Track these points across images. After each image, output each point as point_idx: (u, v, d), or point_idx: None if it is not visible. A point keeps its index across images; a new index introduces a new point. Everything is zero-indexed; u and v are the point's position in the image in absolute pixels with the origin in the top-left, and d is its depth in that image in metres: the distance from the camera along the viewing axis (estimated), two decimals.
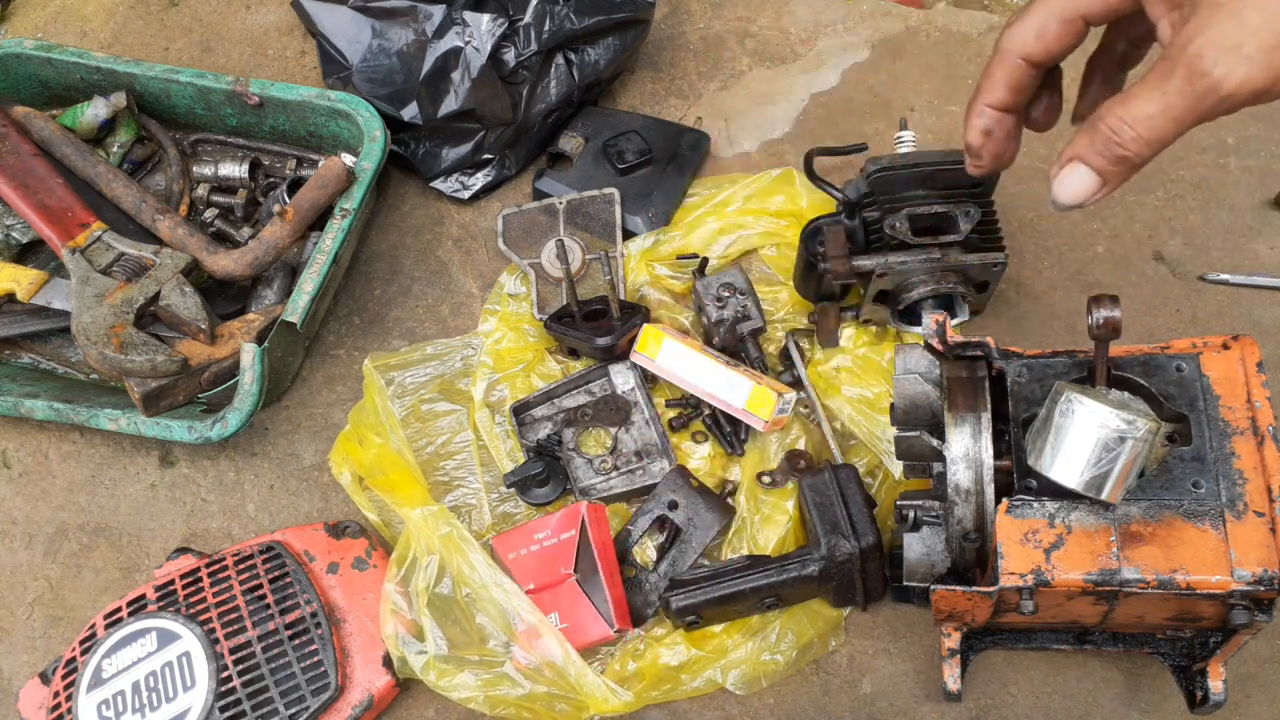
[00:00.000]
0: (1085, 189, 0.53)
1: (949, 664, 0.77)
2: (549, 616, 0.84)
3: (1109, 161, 0.51)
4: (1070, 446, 0.61)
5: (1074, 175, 0.53)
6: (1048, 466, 0.62)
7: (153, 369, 0.91)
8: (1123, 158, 0.51)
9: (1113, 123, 0.50)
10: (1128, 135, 0.50)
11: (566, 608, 0.85)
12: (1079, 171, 0.52)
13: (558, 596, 0.85)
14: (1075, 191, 0.53)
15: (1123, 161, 0.51)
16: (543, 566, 0.86)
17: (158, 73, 1.06)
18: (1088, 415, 0.59)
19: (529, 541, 0.87)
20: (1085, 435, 0.60)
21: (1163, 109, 0.49)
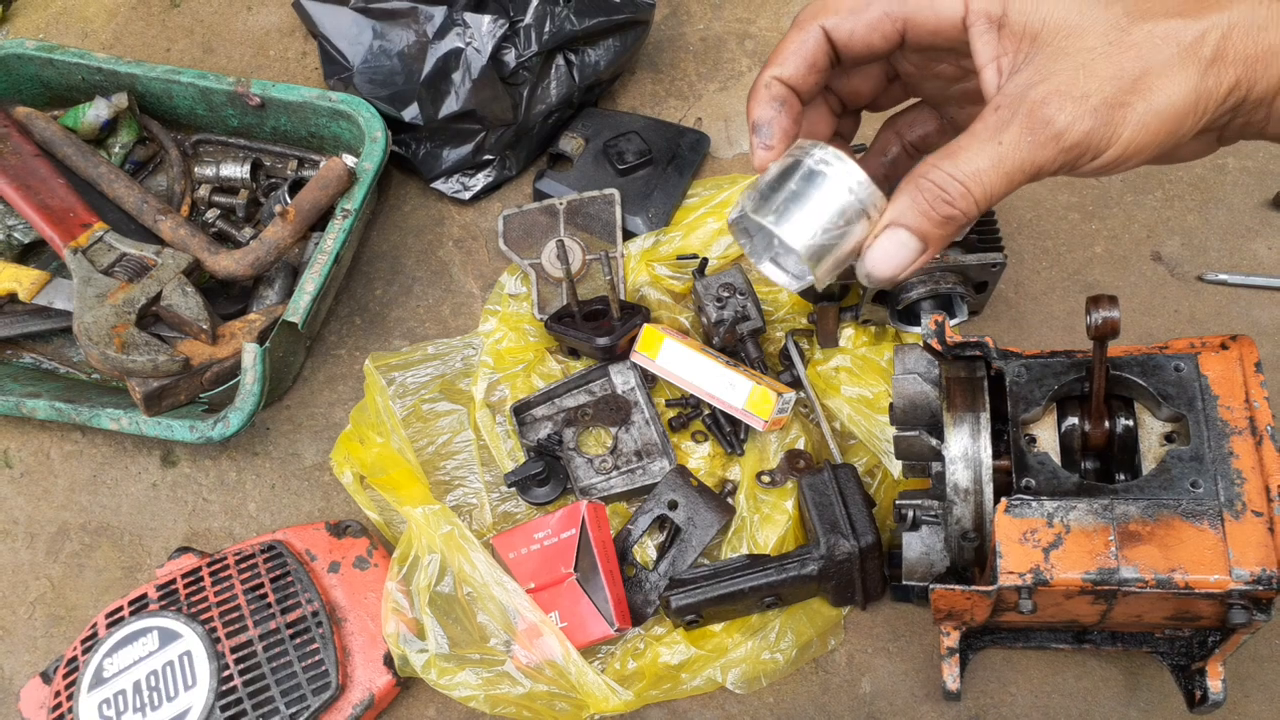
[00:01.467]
0: (907, 257, 0.45)
1: (948, 663, 0.77)
2: (549, 615, 0.85)
3: (934, 223, 0.44)
4: (812, 203, 0.46)
5: (893, 242, 0.45)
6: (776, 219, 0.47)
7: (154, 369, 0.92)
8: (950, 218, 0.44)
9: (939, 178, 0.44)
10: (956, 191, 0.44)
11: (567, 607, 0.85)
12: (900, 238, 0.45)
13: (558, 595, 0.85)
14: (896, 261, 0.45)
15: (949, 222, 0.44)
16: (543, 566, 0.86)
17: (159, 73, 1.07)
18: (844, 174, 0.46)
19: (529, 541, 0.87)
20: (833, 196, 0.46)
21: (995, 162, 0.43)
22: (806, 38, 0.48)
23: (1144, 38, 0.43)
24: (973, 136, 0.43)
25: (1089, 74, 0.42)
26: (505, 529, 0.93)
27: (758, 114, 0.49)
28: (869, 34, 0.47)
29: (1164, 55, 0.42)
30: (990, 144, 0.43)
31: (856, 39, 0.48)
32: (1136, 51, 0.42)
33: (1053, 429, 0.73)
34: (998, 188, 0.43)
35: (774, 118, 0.48)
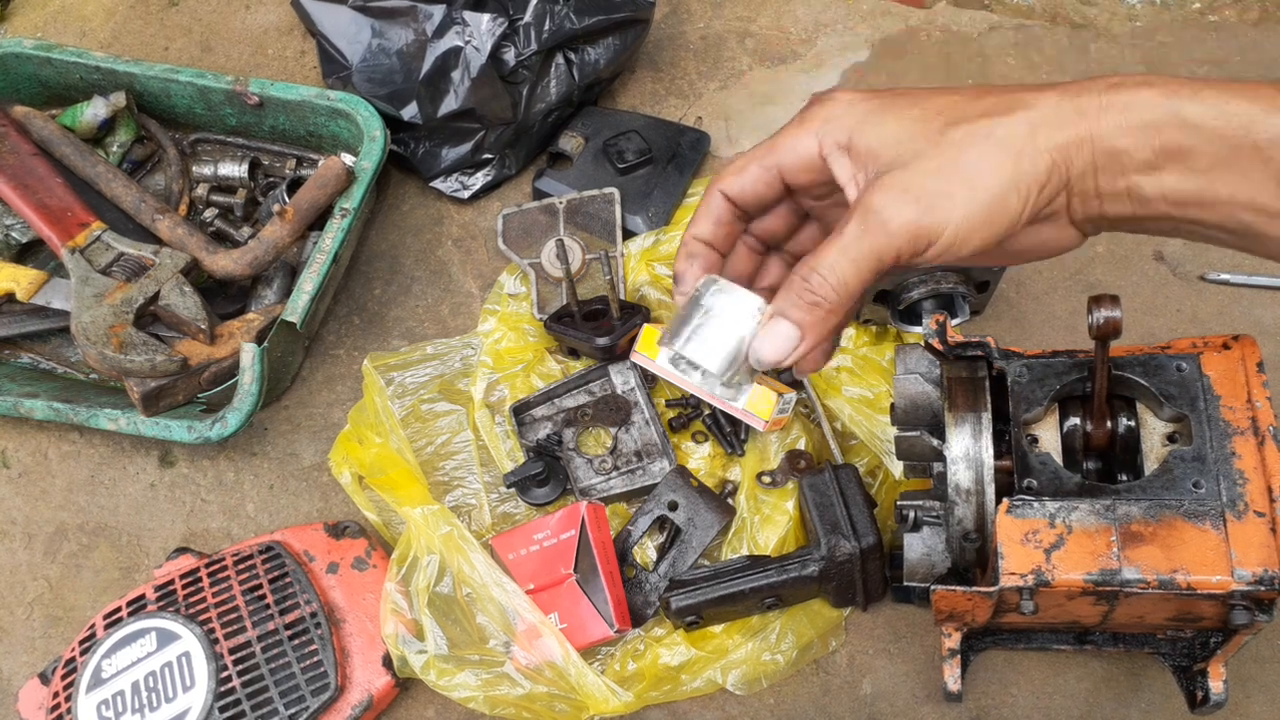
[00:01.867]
0: (785, 344, 0.53)
1: (949, 664, 0.77)
2: (549, 616, 0.84)
3: (804, 310, 0.53)
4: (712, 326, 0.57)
5: (775, 330, 0.54)
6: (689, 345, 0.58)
7: (152, 369, 0.91)
8: (815, 304, 0.52)
9: (803, 272, 0.52)
10: (816, 281, 0.52)
11: (566, 608, 0.84)
12: (780, 327, 0.53)
13: (558, 596, 0.85)
14: (776, 346, 0.54)
15: (816, 308, 0.52)
16: (542, 566, 0.86)
17: (157, 72, 1.06)
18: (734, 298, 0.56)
19: (528, 541, 0.87)
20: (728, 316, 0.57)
21: (841, 253, 0.51)
22: (711, 201, 0.58)
23: (961, 136, 0.50)
24: (830, 238, 0.52)
25: (915, 173, 0.50)
26: (504, 529, 0.92)
27: (676, 268, 0.60)
28: (755, 186, 0.57)
29: (980, 149, 0.49)
30: (838, 240, 0.51)
31: (748, 193, 0.57)
32: (955, 149, 0.50)
33: (1054, 429, 0.73)
34: (849, 276, 0.52)
35: (687, 270, 0.59)
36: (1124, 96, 0.48)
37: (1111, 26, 1.19)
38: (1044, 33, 1.18)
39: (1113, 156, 0.49)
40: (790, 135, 0.56)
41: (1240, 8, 1.18)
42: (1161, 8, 1.19)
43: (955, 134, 0.50)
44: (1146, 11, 1.19)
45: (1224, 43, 1.16)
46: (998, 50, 1.17)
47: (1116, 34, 1.18)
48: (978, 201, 0.50)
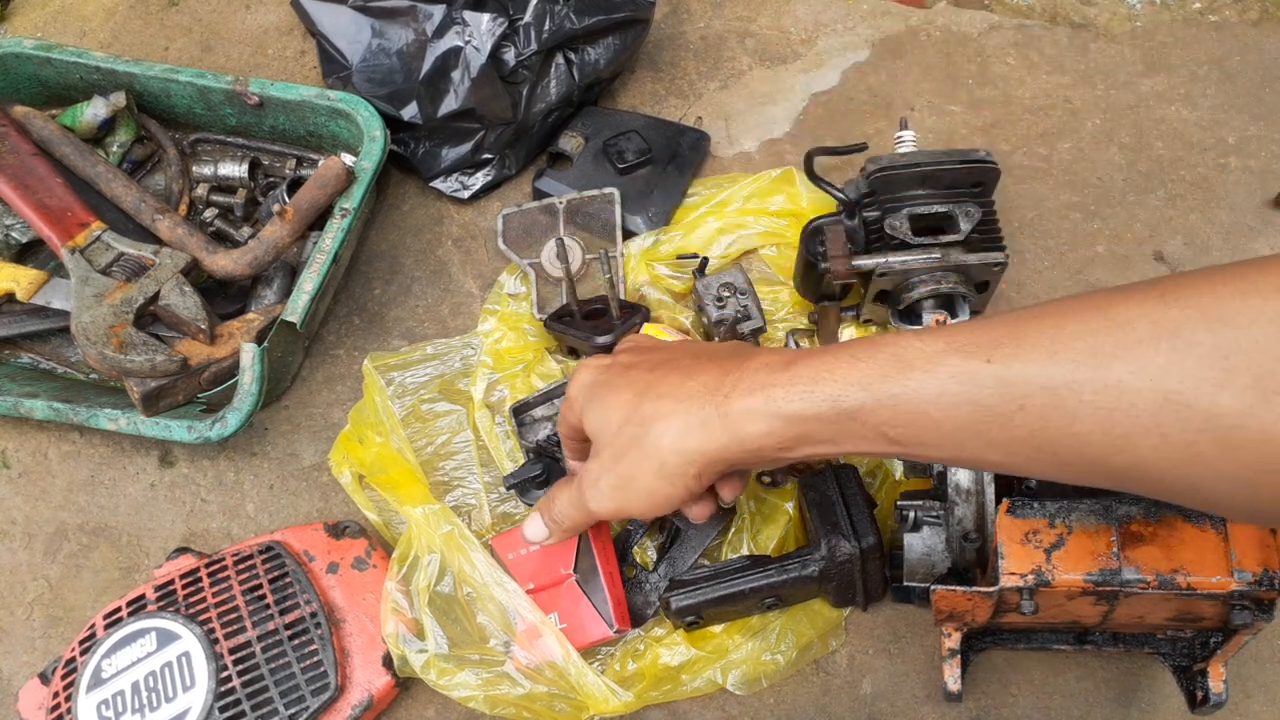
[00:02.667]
0: (540, 533, 0.77)
1: (949, 664, 0.77)
2: (549, 617, 0.84)
3: (551, 518, 0.76)
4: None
5: (534, 521, 0.77)
6: None
7: (152, 369, 0.91)
8: (557, 520, 0.75)
9: (553, 493, 0.75)
10: (556, 509, 0.75)
11: (566, 608, 0.84)
12: (537, 519, 0.77)
13: (557, 596, 0.85)
14: (532, 532, 0.78)
15: (558, 524, 0.76)
16: (542, 566, 0.86)
17: (157, 72, 1.06)
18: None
19: (529, 542, 0.87)
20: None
21: (567, 501, 0.74)
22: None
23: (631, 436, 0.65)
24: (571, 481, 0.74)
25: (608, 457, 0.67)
26: (504, 530, 0.92)
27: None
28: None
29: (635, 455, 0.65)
30: (568, 490, 0.74)
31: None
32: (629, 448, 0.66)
33: None
34: (572, 517, 0.75)
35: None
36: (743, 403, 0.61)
37: (1111, 26, 1.19)
38: (1044, 33, 1.18)
39: (756, 452, 0.61)
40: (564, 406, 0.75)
41: (1240, 8, 1.18)
42: (1161, 8, 1.19)
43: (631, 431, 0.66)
44: (1146, 11, 1.19)
45: (1224, 43, 1.16)
46: (998, 50, 1.17)
47: (1116, 34, 1.18)
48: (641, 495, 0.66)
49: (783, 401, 0.59)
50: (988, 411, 0.53)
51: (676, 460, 0.63)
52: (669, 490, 0.65)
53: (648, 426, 0.64)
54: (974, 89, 1.15)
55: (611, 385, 0.67)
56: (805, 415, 0.58)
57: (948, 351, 0.54)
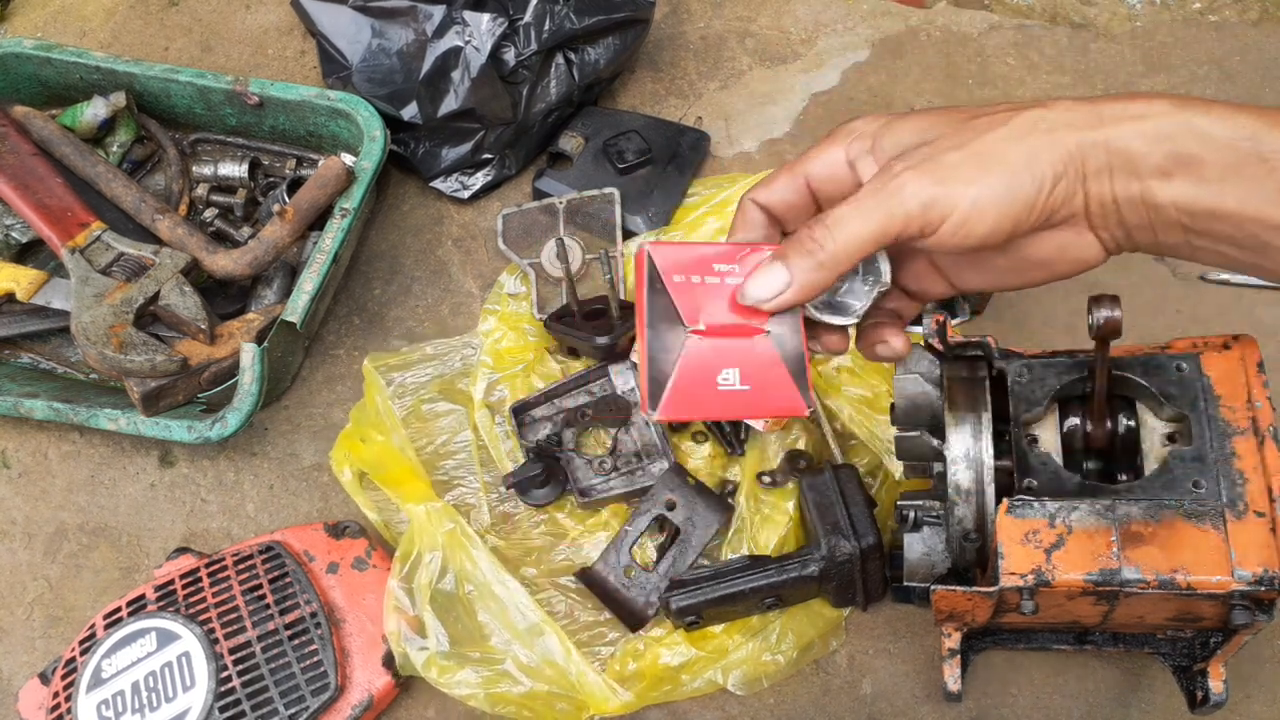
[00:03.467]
0: (775, 285, 0.55)
1: (949, 664, 0.77)
2: (725, 372, 0.63)
3: (799, 256, 0.54)
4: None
5: (768, 271, 0.55)
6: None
7: (152, 369, 0.91)
8: (810, 252, 0.54)
9: (810, 222, 0.54)
10: (819, 230, 0.53)
11: (751, 367, 0.63)
12: (773, 268, 0.55)
13: (741, 351, 0.63)
14: (765, 285, 0.55)
15: (811, 255, 0.54)
16: (722, 306, 0.64)
17: (157, 72, 1.06)
18: None
19: (705, 268, 0.64)
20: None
21: (853, 206, 0.53)
22: (745, 211, 0.60)
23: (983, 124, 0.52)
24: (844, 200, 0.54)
25: (934, 149, 0.52)
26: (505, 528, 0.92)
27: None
28: (784, 194, 0.59)
29: (999, 134, 0.51)
30: (853, 201, 0.53)
31: (775, 201, 0.59)
32: (974, 133, 0.52)
33: (1054, 429, 0.73)
34: (852, 232, 0.53)
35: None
36: (1138, 106, 0.50)
37: (1111, 26, 1.19)
38: (1044, 33, 1.18)
39: (1127, 159, 0.50)
40: (817, 148, 0.58)
41: (1240, 8, 1.18)
42: (1161, 8, 1.19)
43: (976, 123, 0.52)
44: (1146, 11, 1.19)
45: (1224, 43, 1.16)
46: (998, 50, 1.17)
47: (1116, 34, 1.18)
48: (994, 178, 0.50)
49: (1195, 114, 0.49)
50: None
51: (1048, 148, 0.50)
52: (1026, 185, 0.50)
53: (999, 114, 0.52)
54: (974, 89, 1.15)
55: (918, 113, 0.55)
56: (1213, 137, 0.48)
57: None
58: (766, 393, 0.63)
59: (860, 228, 0.52)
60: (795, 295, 0.55)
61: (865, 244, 0.53)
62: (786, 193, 0.59)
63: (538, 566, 0.92)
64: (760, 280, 0.55)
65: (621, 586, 0.89)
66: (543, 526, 0.94)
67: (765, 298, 0.55)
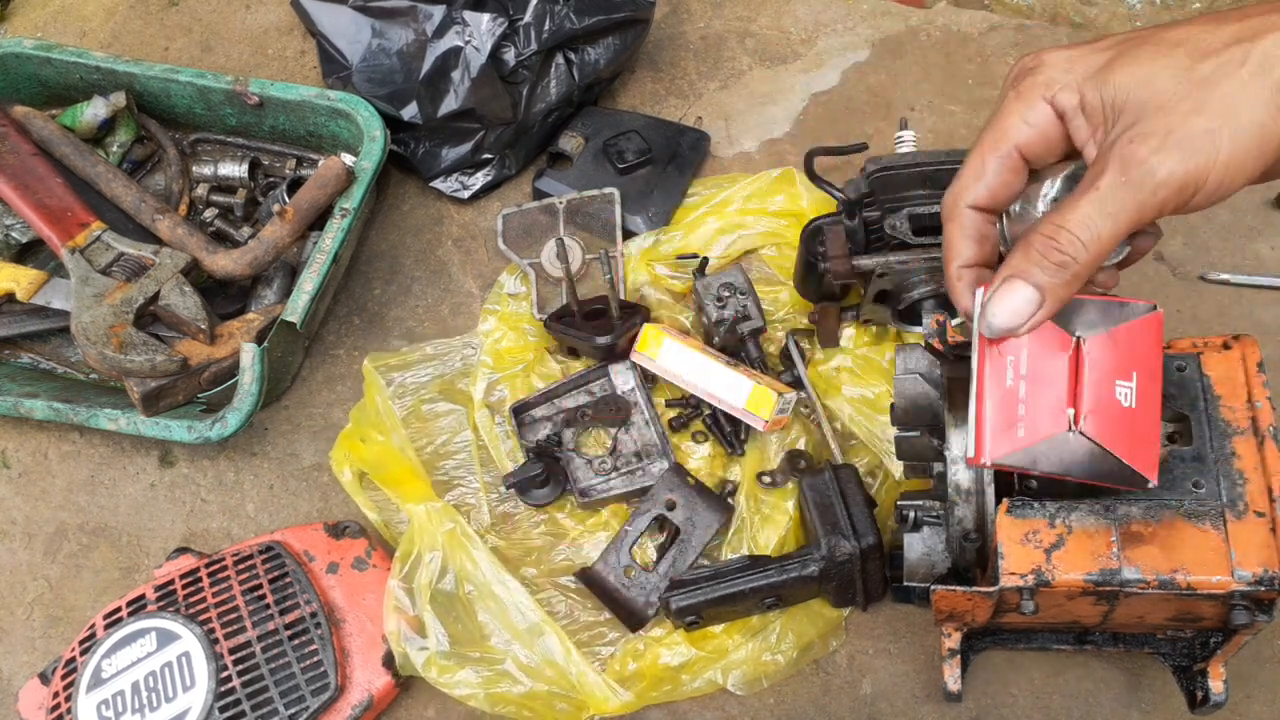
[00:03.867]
0: (1025, 308, 0.50)
1: (949, 664, 0.77)
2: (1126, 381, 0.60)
3: (1048, 272, 0.49)
4: None
5: (1013, 294, 0.50)
6: None
7: (152, 369, 0.91)
8: (1063, 264, 0.49)
9: (1048, 230, 0.48)
10: (1065, 239, 0.48)
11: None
12: (1018, 289, 0.50)
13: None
14: (1014, 312, 0.50)
15: (1063, 269, 0.49)
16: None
17: (157, 72, 1.06)
18: None
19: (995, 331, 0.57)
20: None
21: (1097, 206, 0.47)
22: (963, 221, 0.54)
23: (1212, 70, 0.47)
24: (1076, 193, 0.48)
25: (1169, 114, 0.46)
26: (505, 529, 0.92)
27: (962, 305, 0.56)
28: (1003, 182, 0.53)
29: (1236, 80, 0.46)
30: (1090, 192, 0.47)
31: (998, 194, 0.54)
32: (1209, 85, 0.46)
33: None
34: (1104, 232, 0.48)
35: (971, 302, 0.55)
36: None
37: (1111, 26, 1.19)
38: (1044, 33, 1.18)
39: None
40: (1014, 113, 0.52)
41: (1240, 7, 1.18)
42: (1161, 8, 1.19)
43: (1205, 68, 0.47)
44: (1146, 11, 1.19)
45: None
46: (998, 50, 1.17)
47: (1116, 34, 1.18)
48: (1243, 135, 0.46)
49: None
50: None
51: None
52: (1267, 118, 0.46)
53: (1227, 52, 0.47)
54: (974, 89, 1.15)
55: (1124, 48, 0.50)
56: None
57: None
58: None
59: (1112, 227, 0.48)
60: (1047, 314, 0.50)
61: (1118, 240, 0.48)
62: (1004, 178, 0.53)
63: (538, 566, 0.92)
64: (1005, 306, 0.50)
65: (621, 586, 0.89)
66: (543, 526, 0.94)
67: (1016, 325, 0.51)
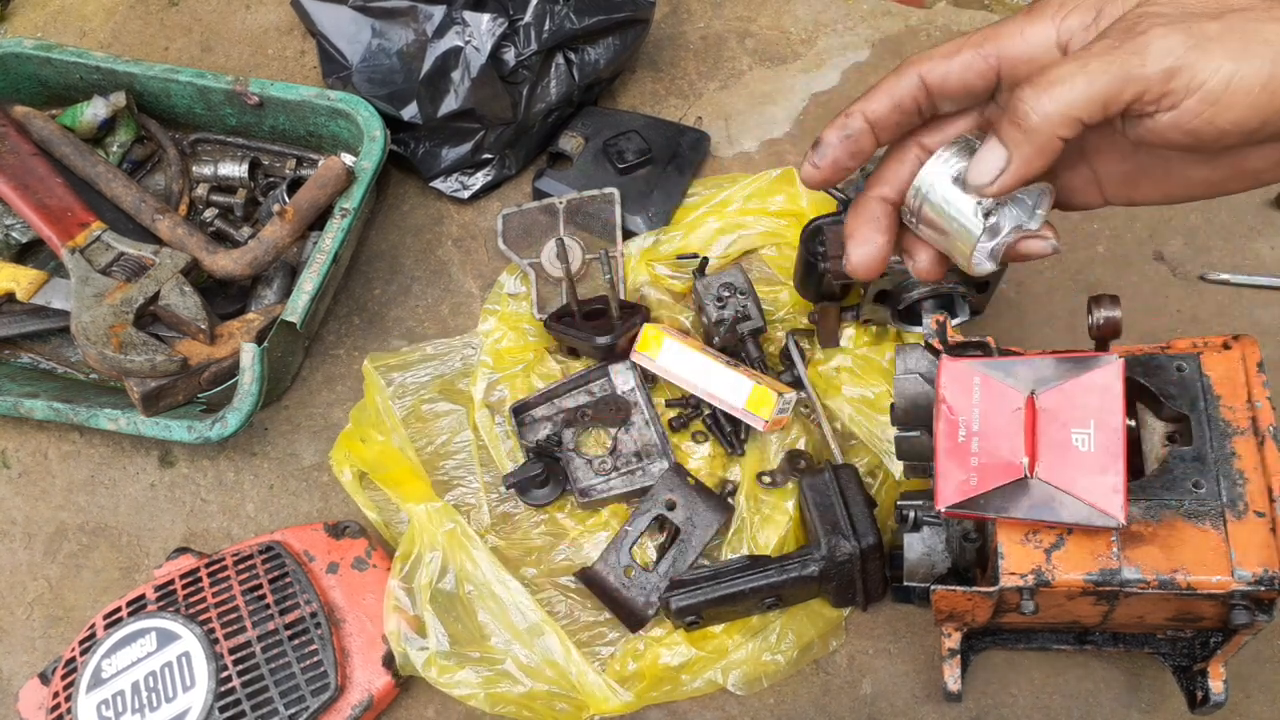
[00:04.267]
0: (994, 164, 0.47)
1: (949, 664, 0.77)
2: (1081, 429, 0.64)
3: (1014, 128, 0.45)
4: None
5: (987, 150, 0.47)
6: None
7: (152, 369, 0.91)
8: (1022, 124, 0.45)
9: (1022, 90, 0.45)
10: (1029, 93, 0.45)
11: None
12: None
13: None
14: (983, 169, 0.47)
15: (1017, 126, 0.45)
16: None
17: (157, 72, 1.06)
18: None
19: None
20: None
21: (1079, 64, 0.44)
22: (901, 80, 0.50)
23: (1244, 3, 0.43)
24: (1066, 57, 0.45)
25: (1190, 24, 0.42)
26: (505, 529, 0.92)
27: (824, 135, 0.52)
28: (964, 75, 0.49)
29: (1266, 26, 0.42)
30: (1079, 56, 0.44)
31: (952, 80, 0.50)
32: (1239, 20, 0.42)
33: None
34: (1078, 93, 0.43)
35: (835, 144, 0.52)
36: None
37: None
38: None
39: None
40: (1017, 23, 0.48)
41: None
42: None
43: (1237, 3, 0.43)
44: None
45: None
46: None
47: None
48: (1259, 60, 0.41)
49: None
50: None
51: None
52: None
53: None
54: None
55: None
56: None
57: None
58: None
59: (1085, 88, 0.43)
60: (1014, 174, 0.46)
61: (1088, 107, 0.43)
62: (967, 73, 0.49)
63: (538, 566, 0.92)
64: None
65: (621, 586, 0.89)
66: (543, 526, 0.94)
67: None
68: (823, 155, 0.52)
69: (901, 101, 0.51)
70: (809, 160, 0.53)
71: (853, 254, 0.54)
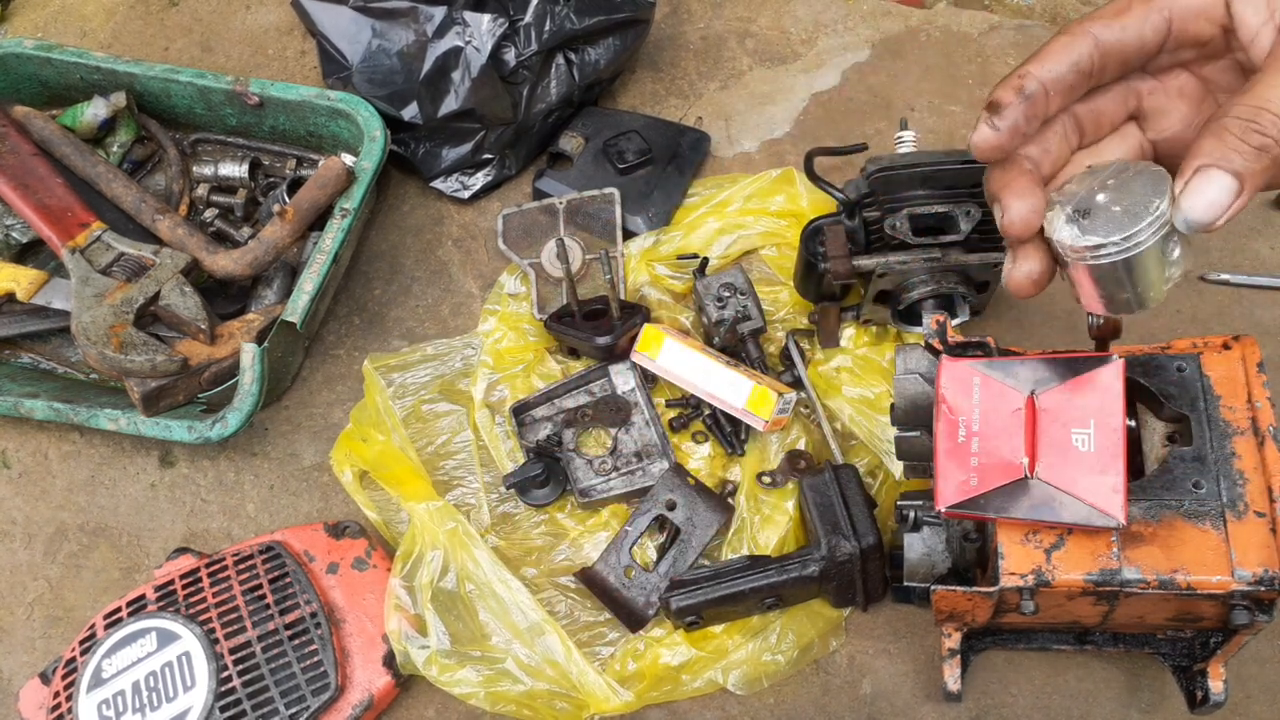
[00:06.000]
0: (1223, 198, 0.43)
1: (949, 664, 0.77)
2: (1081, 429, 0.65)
3: (1248, 156, 0.42)
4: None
5: (1209, 184, 0.43)
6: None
7: (152, 369, 0.91)
8: (1264, 147, 0.42)
9: (1242, 112, 0.42)
10: (1267, 120, 0.42)
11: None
12: (1214, 179, 0.43)
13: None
14: (1212, 202, 0.43)
15: (1264, 153, 0.42)
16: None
17: (157, 72, 1.06)
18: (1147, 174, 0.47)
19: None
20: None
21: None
22: (1076, 41, 0.47)
23: None
24: (1268, 70, 0.42)
25: None
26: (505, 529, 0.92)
27: (999, 95, 0.48)
28: (1140, 29, 0.47)
29: None
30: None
31: (1129, 38, 0.47)
32: None
33: None
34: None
35: (1017, 106, 0.48)
36: None
37: None
38: (1044, 33, 1.18)
39: None
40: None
41: None
42: None
43: None
44: None
45: None
46: (998, 50, 1.17)
47: None
48: None
49: None
50: None
51: None
52: None
53: None
54: (974, 89, 1.15)
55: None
56: None
57: None
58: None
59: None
60: (1245, 203, 0.44)
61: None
62: (1143, 30, 0.47)
63: (538, 566, 0.92)
64: (1202, 199, 0.44)
65: (621, 586, 0.89)
66: (543, 526, 0.94)
67: (1214, 218, 0.44)
68: (1004, 118, 0.47)
69: (1079, 62, 0.47)
70: (986, 122, 0.48)
71: (1010, 206, 0.49)
